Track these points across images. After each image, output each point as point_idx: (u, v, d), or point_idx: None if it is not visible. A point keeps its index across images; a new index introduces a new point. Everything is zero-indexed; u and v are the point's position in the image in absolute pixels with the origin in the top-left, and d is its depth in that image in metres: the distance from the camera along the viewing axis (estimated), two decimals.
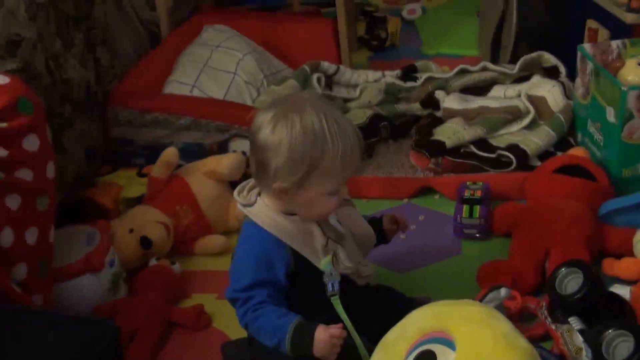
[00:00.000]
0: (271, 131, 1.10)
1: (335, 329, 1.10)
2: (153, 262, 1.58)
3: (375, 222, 1.36)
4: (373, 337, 1.16)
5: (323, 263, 1.17)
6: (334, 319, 1.20)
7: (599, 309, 1.17)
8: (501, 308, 1.25)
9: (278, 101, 1.17)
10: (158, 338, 1.42)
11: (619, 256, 1.46)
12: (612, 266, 1.43)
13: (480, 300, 1.22)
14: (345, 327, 1.19)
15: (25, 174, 1.28)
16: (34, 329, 0.93)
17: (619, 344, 1.08)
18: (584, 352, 1.11)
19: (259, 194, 1.20)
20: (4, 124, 1.24)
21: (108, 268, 1.48)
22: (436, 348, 0.98)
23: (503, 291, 1.23)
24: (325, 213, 1.17)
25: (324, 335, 1.09)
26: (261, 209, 1.18)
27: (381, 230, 1.35)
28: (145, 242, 1.58)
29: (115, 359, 0.96)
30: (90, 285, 1.45)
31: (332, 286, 1.17)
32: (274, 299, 1.14)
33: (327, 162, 1.09)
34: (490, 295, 1.23)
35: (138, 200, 1.75)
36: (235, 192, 1.22)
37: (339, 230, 1.23)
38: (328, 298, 1.17)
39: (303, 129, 1.08)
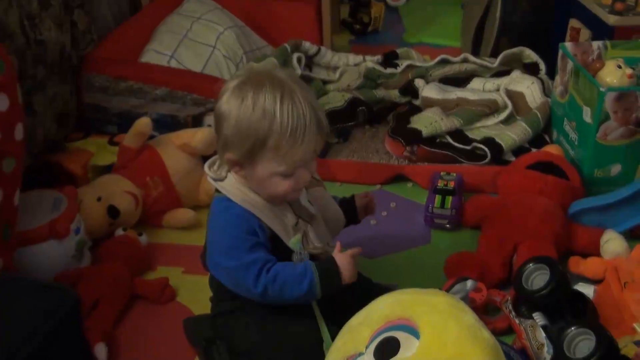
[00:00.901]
0: (226, 101, 1.11)
1: (352, 251, 1.15)
2: (119, 232, 1.56)
3: (346, 201, 1.36)
4: (336, 320, 1.16)
5: (293, 241, 1.16)
6: None
7: (562, 306, 1.18)
8: (467, 300, 1.25)
9: (248, 74, 1.15)
10: (121, 308, 1.40)
11: (585, 255, 1.47)
12: (577, 264, 1.45)
13: (447, 291, 1.23)
14: (310, 313, 1.19)
15: None
16: None
17: (581, 342, 1.09)
18: (545, 348, 1.12)
19: (229, 170, 1.19)
20: None
21: (73, 235, 1.46)
22: (400, 335, 0.97)
23: (469, 283, 1.24)
24: (279, 195, 1.14)
25: (346, 260, 1.14)
26: (232, 183, 1.17)
27: (353, 209, 1.35)
28: (113, 211, 1.56)
29: (76, 328, 0.94)
30: (53, 252, 1.43)
31: None
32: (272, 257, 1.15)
33: (274, 140, 1.08)
34: (457, 287, 1.23)
35: (107, 169, 1.73)
36: (206, 166, 1.20)
37: (310, 211, 1.22)
38: None
39: (253, 103, 1.08)
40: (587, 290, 1.33)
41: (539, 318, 1.16)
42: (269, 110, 1.07)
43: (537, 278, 1.19)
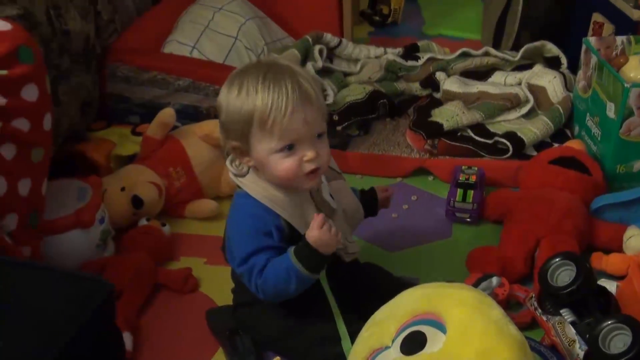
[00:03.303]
0: (220, 93, 1.16)
1: (315, 219, 1.12)
2: (143, 222, 1.57)
3: (366, 193, 1.37)
4: (358, 314, 1.17)
5: None
6: (321, 292, 1.21)
7: (588, 302, 1.18)
8: (492, 296, 1.25)
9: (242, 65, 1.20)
10: (144, 298, 1.42)
11: (607, 251, 1.47)
12: (600, 260, 1.44)
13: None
14: (329, 304, 1.20)
15: (22, 124, 1.26)
16: (28, 283, 0.93)
17: (615, 336, 1.09)
18: (577, 344, 1.12)
19: (240, 161, 1.20)
20: (4, 72, 1.21)
21: (98, 225, 1.47)
22: (426, 330, 0.98)
23: (495, 280, 1.24)
24: (288, 176, 1.13)
25: (313, 233, 1.11)
26: (253, 179, 1.18)
27: (372, 202, 1.36)
28: (137, 201, 1.57)
29: (110, 317, 0.95)
30: (79, 241, 1.44)
31: None
32: (276, 257, 1.15)
33: (258, 115, 1.09)
34: (483, 285, 1.23)
35: (130, 159, 1.74)
36: (228, 162, 1.21)
37: (331, 205, 1.23)
38: None
39: (239, 86, 1.11)
40: (610, 286, 1.33)
41: (567, 314, 1.16)
42: (252, 89, 1.10)
43: (563, 274, 1.19)
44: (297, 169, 1.12)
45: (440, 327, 0.98)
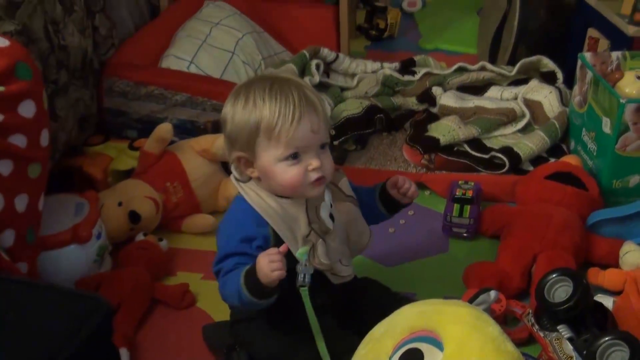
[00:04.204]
0: (225, 107, 1.17)
1: (270, 250, 1.08)
2: (140, 237, 1.57)
3: (382, 193, 1.32)
4: (356, 330, 1.17)
5: (300, 252, 1.14)
6: (318, 310, 1.20)
7: (585, 318, 1.18)
8: (489, 311, 1.26)
9: (245, 80, 1.22)
10: (142, 314, 1.42)
11: (603, 266, 1.47)
12: (596, 276, 1.45)
13: (470, 302, 1.23)
14: (328, 322, 1.19)
15: (19, 140, 1.26)
16: (26, 301, 0.93)
17: (613, 353, 1.09)
18: None
19: (244, 172, 1.20)
20: (2, 88, 1.22)
21: (95, 240, 1.47)
22: (424, 347, 0.98)
23: (493, 294, 1.24)
24: (293, 184, 1.13)
25: (262, 259, 1.07)
26: (252, 186, 1.19)
27: (388, 201, 1.32)
28: (134, 216, 1.57)
29: (107, 336, 0.95)
30: (76, 256, 1.44)
31: (304, 277, 1.13)
32: (244, 266, 1.12)
33: (265, 123, 1.11)
34: (481, 298, 1.23)
35: (127, 173, 1.74)
36: (233, 166, 1.22)
37: (326, 225, 1.21)
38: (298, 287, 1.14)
39: (245, 98, 1.14)
40: (606, 301, 1.34)
41: (564, 330, 1.16)
42: (259, 100, 1.12)
43: (559, 290, 1.19)
44: (303, 177, 1.13)
45: (438, 344, 0.98)
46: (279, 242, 1.15)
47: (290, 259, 1.14)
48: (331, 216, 1.22)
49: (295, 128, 1.11)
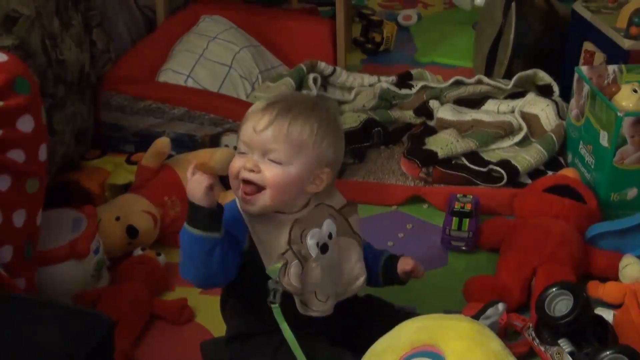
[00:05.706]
0: None
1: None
2: (138, 252, 1.56)
3: (387, 263, 1.32)
4: (357, 345, 1.16)
5: (271, 268, 1.12)
6: (312, 329, 1.18)
7: (586, 332, 1.18)
8: (496, 324, 1.25)
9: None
10: (140, 329, 1.41)
11: (603, 279, 1.47)
12: (596, 289, 1.44)
13: (479, 315, 1.22)
14: (321, 343, 1.18)
15: (17, 155, 1.25)
16: (27, 318, 0.92)
17: None
18: None
19: None
20: (1, 103, 1.21)
21: (92, 255, 1.46)
22: None
23: (501, 306, 1.23)
24: (230, 172, 1.14)
25: (189, 181, 1.11)
26: None
27: (390, 272, 1.31)
28: (132, 231, 1.56)
29: (110, 352, 0.94)
30: (73, 272, 1.43)
31: (274, 294, 1.12)
32: None
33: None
34: (490, 311, 1.22)
35: (125, 188, 1.73)
36: None
37: (307, 251, 1.16)
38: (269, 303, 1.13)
39: None
40: (606, 314, 1.34)
41: (565, 345, 1.16)
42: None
43: (560, 304, 1.19)
44: (237, 170, 1.13)
45: (439, 359, 0.98)
46: (252, 248, 1.14)
47: (258, 271, 1.13)
48: (325, 247, 1.17)
49: (244, 123, 1.15)
